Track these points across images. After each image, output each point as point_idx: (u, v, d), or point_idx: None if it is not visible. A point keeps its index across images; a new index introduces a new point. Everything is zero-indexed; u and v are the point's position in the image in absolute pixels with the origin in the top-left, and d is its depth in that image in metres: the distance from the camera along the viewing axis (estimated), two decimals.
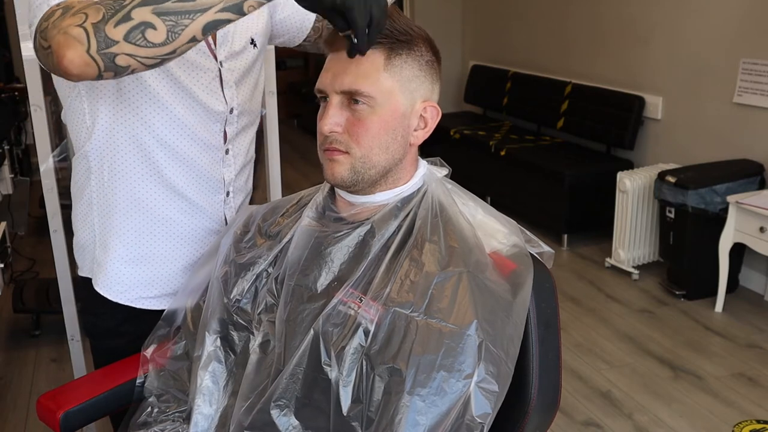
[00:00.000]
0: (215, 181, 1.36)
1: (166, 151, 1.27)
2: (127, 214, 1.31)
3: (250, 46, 1.35)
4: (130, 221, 1.31)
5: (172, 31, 0.94)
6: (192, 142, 1.29)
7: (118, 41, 0.93)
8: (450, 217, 1.09)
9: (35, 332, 3.09)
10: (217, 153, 1.34)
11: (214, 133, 1.32)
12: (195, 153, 1.30)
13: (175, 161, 1.29)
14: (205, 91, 1.28)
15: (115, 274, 1.34)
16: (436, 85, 1.11)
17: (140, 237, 1.32)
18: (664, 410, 2.52)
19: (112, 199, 1.30)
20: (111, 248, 1.32)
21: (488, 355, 0.96)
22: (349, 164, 1.06)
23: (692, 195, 3.19)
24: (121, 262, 1.33)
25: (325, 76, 1.07)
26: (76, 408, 1.25)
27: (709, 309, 3.26)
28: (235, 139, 1.38)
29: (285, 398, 1.03)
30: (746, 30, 3.36)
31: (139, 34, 0.93)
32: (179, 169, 1.30)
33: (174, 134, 1.27)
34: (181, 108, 1.26)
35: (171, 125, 1.26)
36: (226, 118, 1.34)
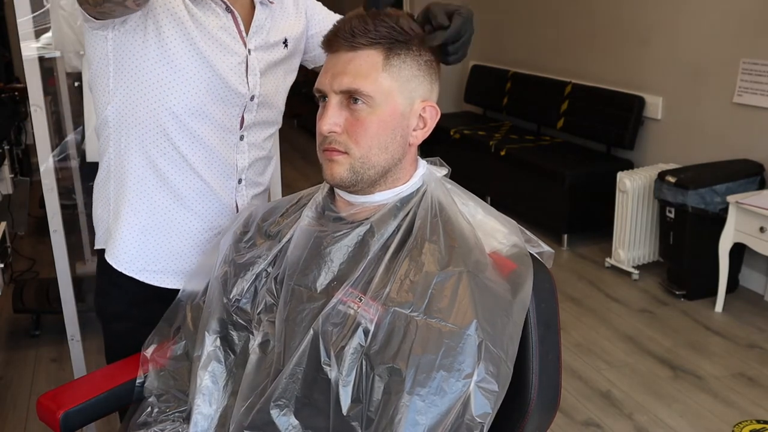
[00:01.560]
0: (227, 165, 1.39)
1: (180, 124, 1.31)
2: (141, 182, 1.35)
3: (281, 45, 1.42)
4: (143, 189, 1.35)
5: None
6: (207, 120, 1.33)
7: None
8: (449, 216, 1.09)
9: (35, 332, 3.09)
10: (231, 137, 1.38)
11: (231, 116, 1.36)
12: (209, 131, 1.34)
13: (189, 136, 1.33)
14: (230, 71, 1.32)
15: (124, 242, 1.37)
16: (435, 85, 1.11)
17: (152, 207, 1.36)
18: (664, 410, 2.52)
19: (127, 166, 1.34)
20: (123, 217, 1.37)
21: (488, 354, 0.96)
22: (349, 164, 1.06)
23: (692, 195, 3.19)
24: (130, 230, 1.37)
25: (324, 76, 1.07)
26: (76, 408, 1.26)
27: (709, 309, 3.26)
28: (252, 127, 1.41)
29: (285, 398, 1.03)
30: (746, 30, 3.36)
31: None
32: (192, 144, 1.34)
33: (190, 109, 1.31)
34: (203, 83, 1.30)
35: (189, 99, 1.30)
36: (246, 104, 1.37)
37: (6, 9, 5.18)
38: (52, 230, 1.98)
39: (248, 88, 1.36)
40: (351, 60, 1.04)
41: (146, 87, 1.29)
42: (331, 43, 1.07)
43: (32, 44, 1.91)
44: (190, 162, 1.34)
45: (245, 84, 1.35)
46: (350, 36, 1.04)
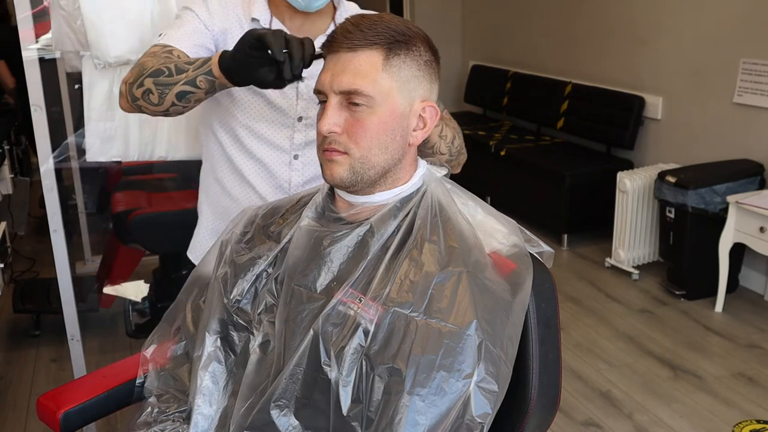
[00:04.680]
0: (281, 181, 1.50)
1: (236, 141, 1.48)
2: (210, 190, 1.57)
3: None
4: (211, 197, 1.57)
5: (161, 97, 1.29)
6: (260, 139, 1.47)
7: (138, 98, 1.31)
8: (449, 216, 1.09)
9: (35, 332, 3.09)
10: (284, 155, 1.49)
11: (282, 136, 1.48)
12: (263, 150, 1.48)
13: (245, 153, 1.49)
14: (280, 97, 1.43)
15: (201, 236, 1.59)
16: (434, 85, 1.11)
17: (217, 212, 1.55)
18: (664, 410, 2.52)
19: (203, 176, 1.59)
20: (203, 212, 1.60)
21: (488, 354, 0.96)
22: (348, 165, 1.06)
23: (692, 195, 3.19)
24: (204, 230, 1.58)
25: (323, 76, 1.07)
26: (76, 408, 1.26)
27: (709, 309, 3.26)
28: (305, 147, 1.49)
29: (285, 398, 1.03)
30: (746, 30, 3.36)
31: (147, 96, 1.29)
32: (249, 161, 1.49)
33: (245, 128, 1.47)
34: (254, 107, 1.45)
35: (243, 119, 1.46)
36: (294, 125, 1.46)
37: None
38: (52, 230, 1.98)
39: (296, 111, 1.45)
40: (351, 60, 1.04)
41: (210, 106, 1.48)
42: (331, 44, 1.07)
43: (32, 45, 1.91)
44: (246, 177, 1.50)
45: (294, 107, 1.45)
46: (350, 36, 1.04)
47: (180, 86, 1.26)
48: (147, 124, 2.06)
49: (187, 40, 1.38)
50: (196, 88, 1.26)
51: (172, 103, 1.28)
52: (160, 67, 1.28)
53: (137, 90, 1.29)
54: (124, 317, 3.04)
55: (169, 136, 2.09)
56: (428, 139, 1.31)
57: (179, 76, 1.26)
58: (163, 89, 1.27)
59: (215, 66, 1.23)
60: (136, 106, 1.33)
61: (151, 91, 1.28)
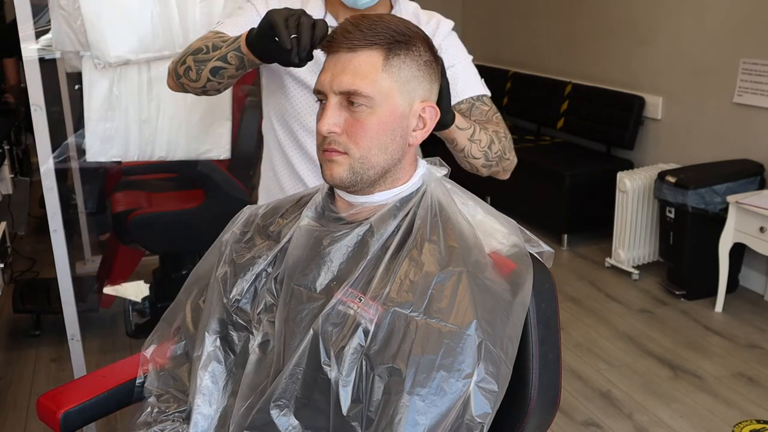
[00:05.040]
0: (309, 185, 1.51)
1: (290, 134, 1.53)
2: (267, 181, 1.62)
3: None
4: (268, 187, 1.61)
5: (198, 73, 1.36)
6: (311, 137, 1.49)
7: (181, 75, 1.39)
8: (449, 216, 1.09)
9: (35, 332, 3.09)
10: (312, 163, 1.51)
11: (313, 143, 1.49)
12: (311, 144, 1.50)
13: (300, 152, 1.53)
14: None
15: None
16: (434, 86, 1.11)
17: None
18: (664, 410, 2.52)
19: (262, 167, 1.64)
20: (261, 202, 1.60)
21: (488, 354, 0.96)
22: (348, 165, 1.06)
23: (692, 195, 3.19)
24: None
25: (323, 76, 1.07)
26: (76, 408, 1.26)
27: (709, 309, 3.26)
28: None
29: (284, 398, 1.03)
30: (746, 30, 3.36)
31: (187, 73, 1.37)
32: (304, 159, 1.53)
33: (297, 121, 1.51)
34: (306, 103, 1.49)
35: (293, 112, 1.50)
36: None
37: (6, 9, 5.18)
38: (52, 230, 1.98)
39: None
40: (350, 60, 1.04)
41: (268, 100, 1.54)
42: (331, 44, 1.07)
43: (32, 45, 1.91)
44: (298, 172, 1.53)
45: None
46: (349, 36, 1.04)
47: (213, 62, 1.33)
48: (147, 124, 2.06)
49: (240, 29, 1.39)
50: (227, 64, 1.32)
51: (208, 78, 1.35)
52: (200, 46, 1.37)
53: (180, 68, 1.38)
54: (124, 317, 3.04)
55: (169, 136, 2.09)
56: (456, 143, 1.33)
57: (214, 53, 1.33)
58: (200, 66, 1.35)
59: (243, 42, 1.28)
60: (179, 84, 1.41)
61: (191, 68, 1.37)
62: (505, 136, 1.44)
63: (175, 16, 1.95)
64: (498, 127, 1.43)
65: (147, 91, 2.03)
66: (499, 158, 1.42)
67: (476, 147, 1.36)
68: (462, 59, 1.50)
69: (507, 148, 1.44)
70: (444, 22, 1.52)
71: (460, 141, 1.32)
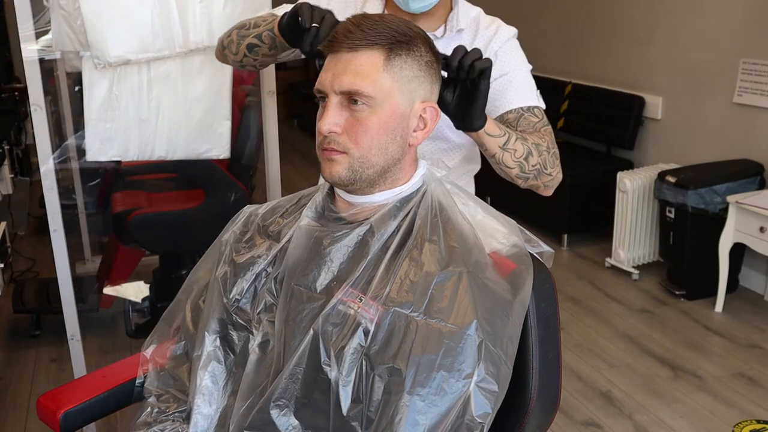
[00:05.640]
0: None
1: None
2: None
3: None
4: None
5: (237, 46, 1.43)
6: None
7: (225, 47, 1.47)
8: (449, 217, 1.09)
9: (35, 332, 3.09)
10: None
11: None
12: None
13: None
14: None
15: None
16: (435, 86, 1.11)
17: None
18: (664, 410, 2.52)
19: None
20: None
21: (488, 354, 0.96)
22: (347, 164, 1.06)
23: (692, 195, 3.19)
24: None
25: (324, 76, 1.07)
26: (76, 408, 1.26)
27: (709, 309, 3.26)
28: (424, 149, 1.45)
29: (284, 398, 1.03)
30: (746, 30, 3.36)
31: (230, 45, 1.45)
32: None
33: None
34: None
35: None
36: None
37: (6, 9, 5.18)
38: (52, 230, 1.98)
39: None
40: (351, 60, 1.04)
41: None
42: (332, 44, 1.07)
43: (32, 46, 1.91)
44: None
45: None
46: (351, 36, 1.04)
47: (250, 39, 1.40)
48: (147, 124, 2.06)
49: None
50: (261, 42, 1.39)
51: (244, 54, 1.42)
52: (246, 22, 1.43)
53: (226, 39, 1.47)
54: (124, 317, 3.04)
55: (169, 136, 2.09)
56: (486, 148, 1.30)
57: (253, 30, 1.40)
58: (240, 40, 1.42)
59: (276, 24, 1.34)
60: (223, 55, 1.50)
61: (233, 41, 1.44)
62: (548, 150, 1.37)
63: (175, 16, 1.95)
64: (541, 140, 1.37)
65: (147, 91, 2.03)
66: (538, 172, 1.36)
67: (509, 156, 1.31)
68: (517, 68, 1.45)
69: (549, 162, 1.37)
70: (504, 28, 1.47)
71: (491, 147, 1.29)
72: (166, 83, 2.03)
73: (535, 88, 1.45)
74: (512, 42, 1.47)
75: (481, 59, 1.14)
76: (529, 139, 1.34)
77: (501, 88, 1.41)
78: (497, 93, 1.40)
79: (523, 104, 1.41)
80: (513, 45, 1.47)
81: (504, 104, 1.41)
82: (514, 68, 1.44)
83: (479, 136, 1.26)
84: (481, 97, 1.17)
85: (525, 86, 1.44)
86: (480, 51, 1.15)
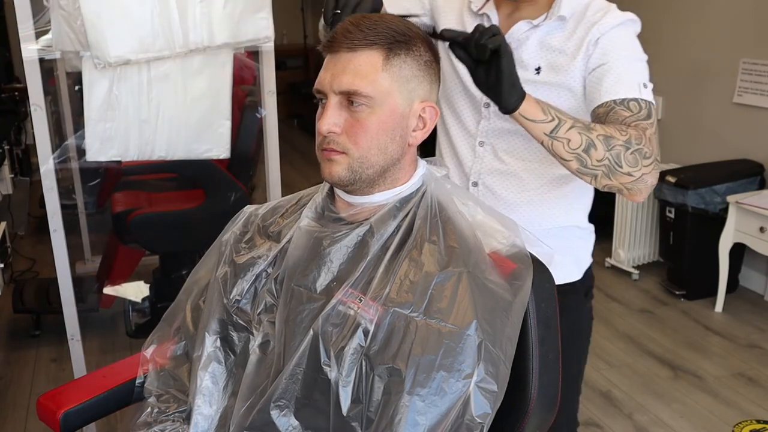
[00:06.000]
0: (464, 164, 1.46)
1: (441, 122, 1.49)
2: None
3: (532, 69, 1.36)
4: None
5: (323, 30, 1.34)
6: (455, 115, 1.47)
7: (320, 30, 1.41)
8: (449, 217, 1.09)
9: (35, 332, 3.09)
10: (470, 140, 1.45)
11: (471, 118, 1.44)
12: (454, 126, 1.47)
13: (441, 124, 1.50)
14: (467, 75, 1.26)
15: None
16: (434, 86, 1.11)
17: None
18: (664, 410, 2.52)
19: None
20: None
21: (488, 355, 0.96)
22: (347, 164, 1.06)
23: (692, 195, 3.19)
24: None
25: (323, 76, 1.07)
26: (76, 408, 1.26)
27: (709, 309, 3.26)
28: (491, 135, 1.43)
29: (285, 398, 1.03)
30: (746, 30, 3.36)
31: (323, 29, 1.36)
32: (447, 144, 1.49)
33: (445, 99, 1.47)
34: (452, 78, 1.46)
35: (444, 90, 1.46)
36: (481, 110, 1.42)
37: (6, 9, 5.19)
38: (52, 230, 1.98)
39: (483, 96, 1.32)
40: (350, 60, 1.04)
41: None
42: (331, 44, 1.07)
43: (32, 46, 1.91)
44: (440, 149, 1.51)
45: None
46: (350, 36, 1.04)
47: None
48: (147, 124, 2.06)
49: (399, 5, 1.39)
50: None
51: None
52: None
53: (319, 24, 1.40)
54: (124, 317, 3.04)
55: (169, 136, 2.08)
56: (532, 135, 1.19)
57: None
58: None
59: None
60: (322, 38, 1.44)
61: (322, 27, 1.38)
62: (626, 145, 1.18)
63: (175, 16, 1.95)
64: (620, 134, 1.19)
65: (147, 91, 2.03)
66: (609, 169, 1.19)
67: (561, 147, 1.18)
68: (618, 57, 1.29)
69: (627, 160, 1.18)
70: (612, 14, 1.34)
71: (535, 134, 1.18)
72: (166, 83, 2.03)
73: (639, 80, 1.28)
74: (620, 29, 1.33)
75: (493, 37, 1.09)
76: (597, 130, 1.18)
77: (596, 80, 1.30)
78: (592, 86, 1.30)
79: (617, 96, 1.26)
80: (620, 32, 1.33)
81: (597, 98, 1.28)
82: (614, 57, 1.29)
83: (517, 119, 1.18)
84: (505, 77, 1.11)
85: (622, 77, 1.27)
86: (497, 28, 1.11)
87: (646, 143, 1.20)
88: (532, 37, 1.36)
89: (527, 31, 1.36)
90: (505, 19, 1.39)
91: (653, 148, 1.21)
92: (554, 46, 1.35)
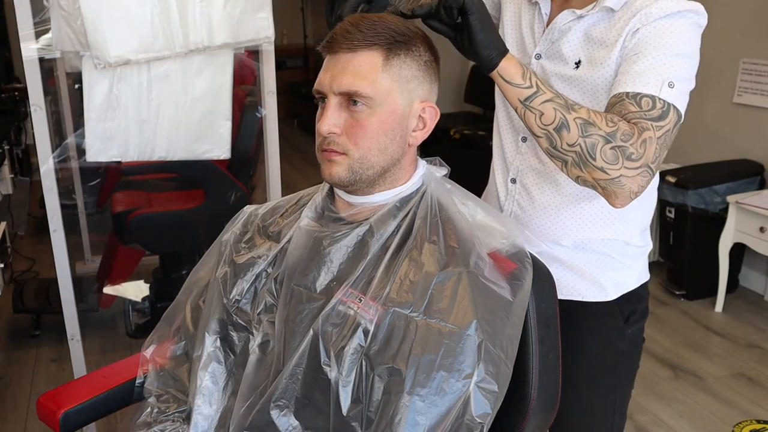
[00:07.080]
0: (507, 159, 1.42)
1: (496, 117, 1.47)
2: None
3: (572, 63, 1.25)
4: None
5: None
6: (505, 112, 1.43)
7: None
8: (449, 216, 1.09)
9: (35, 332, 3.09)
10: (514, 135, 1.41)
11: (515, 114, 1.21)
12: (502, 119, 1.44)
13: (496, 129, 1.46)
14: None
15: None
16: (434, 86, 1.11)
17: None
18: (664, 410, 2.52)
19: None
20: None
21: (488, 355, 0.96)
22: (347, 164, 1.06)
23: (692, 195, 3.19)
24: None
25: (323, 77, 1.07)
26: (76, 408, 1.26)
27: (709, 309, 3.26)
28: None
29: (285, 398, 1.03)
30: (746, 30, 3.36)
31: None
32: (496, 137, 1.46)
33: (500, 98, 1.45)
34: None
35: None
36: None
37: (6, 9, 5.19)
38: (52, 230, 1.98)
39: None
40: (350, 61, 1.04)
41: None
42: (331, 44, 1.07)
43: (32, 45, 1.91)
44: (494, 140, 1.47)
45: None
46: (349, 37, 1.04)
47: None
48: (147, 124, 2.06)
49: None
50: None
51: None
52: None
53: None
54: (124, 317, 3.04)
55: (169, 136, 2.09)
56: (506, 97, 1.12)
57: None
58: None
59: None
60: None
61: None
62: (608, 138, 1.06)
63: (175, 16, 1.95)
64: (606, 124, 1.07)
65: (147, 91, 2.03)
66: (579, 157, 1.08)
67: (533, 119, 1.09)
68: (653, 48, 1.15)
69: (603, 153, 1.07)
70: (662, 4, 1.19)
71: (509, 97, 1.10)
72: (166, 83, 2.03)
73: (666, 77, 1.13)
74: (669, 20, 1.19)
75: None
76: (578, 112, 1.08)
77: (621, 71, 1.17)
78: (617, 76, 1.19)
79: (630, 89, 1.12)
80: (668, 24, 1.18)
81: (614, 88, 1.17)
82: (648, 48, 1.15)
83: (496, 80, 1.11)
84: (476, 32, 1.05)
85: (648, 70, 1.13)
86: None
87: (636, 144, 1.07)
88: (575, 27, 1.24)
89: (570, 22, 1.25)
90: (557, 9, 1.29)
91: (645, 152, 1.08)
92: (596, 37, 1.22)
